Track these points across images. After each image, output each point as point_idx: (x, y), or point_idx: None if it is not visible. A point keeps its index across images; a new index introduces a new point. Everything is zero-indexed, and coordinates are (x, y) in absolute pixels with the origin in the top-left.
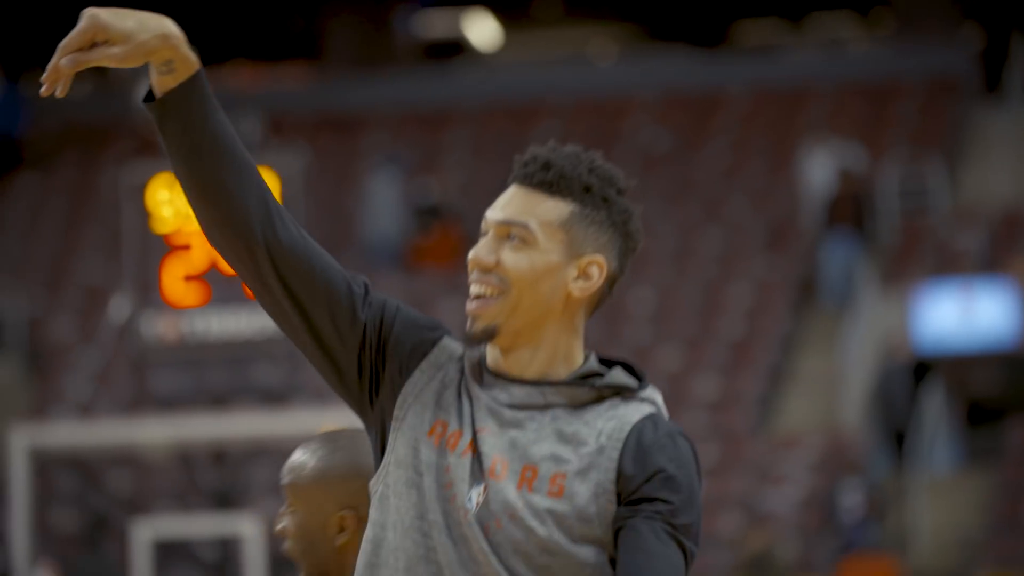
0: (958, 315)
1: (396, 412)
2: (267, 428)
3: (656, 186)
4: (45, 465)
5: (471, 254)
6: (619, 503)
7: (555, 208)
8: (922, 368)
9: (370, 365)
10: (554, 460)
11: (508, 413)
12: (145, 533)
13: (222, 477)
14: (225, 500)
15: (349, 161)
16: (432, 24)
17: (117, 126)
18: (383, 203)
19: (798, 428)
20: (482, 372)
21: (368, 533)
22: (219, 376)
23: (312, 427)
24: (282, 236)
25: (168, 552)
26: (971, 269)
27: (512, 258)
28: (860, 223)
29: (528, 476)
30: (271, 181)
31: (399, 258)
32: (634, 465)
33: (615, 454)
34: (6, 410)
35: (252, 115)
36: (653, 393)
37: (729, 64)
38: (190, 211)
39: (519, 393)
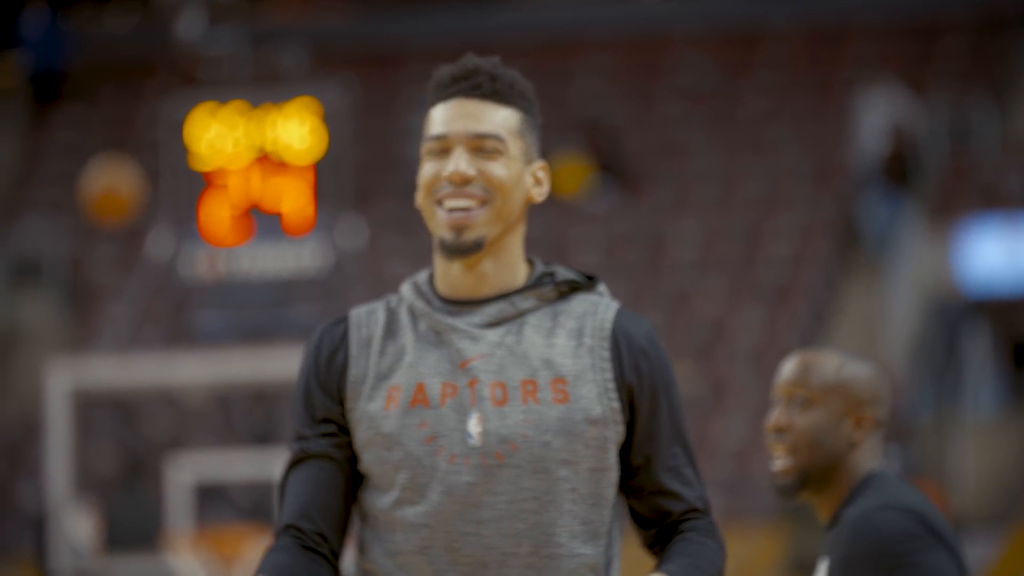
0: (1004, 255)
1: (348, 404)
2: None
3: (699, 123)
4: (83, 404)
5: (450, 168)
6: (623, 406)
7: (511, 117)
8: (968, 309)
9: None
10: (548, 366)
11: (487, 334)
12: (183, 473)
13: (260, 417)
14: (263, 439)
15: (392, 94)
16: None
17: (158, 60)
18: None
19: None
20: (434, 303)
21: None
22: (258, 314)
23: None
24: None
25: (205, 493)
26: (1017, 206)
27: (492, 167)
28: (905, 180)
29: (530, 389)
30: (316, 111)
31: None
32: (634, 372)
33: (605, 353)
34: (45, 347)
35: (296, 48)
36: (605, 289)
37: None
38: (235, 147)
39: (491, 311)
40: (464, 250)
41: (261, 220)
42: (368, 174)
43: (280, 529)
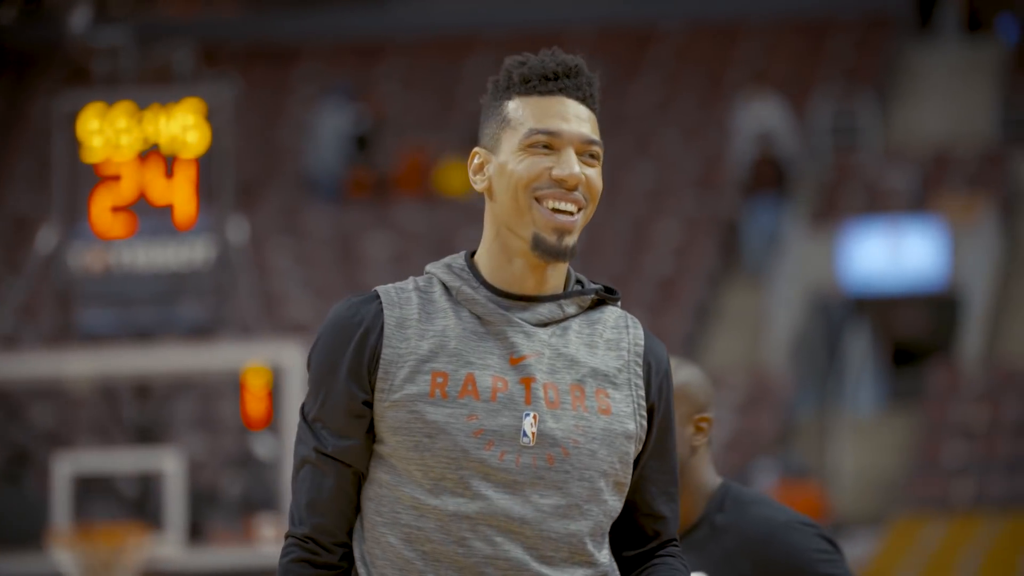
0: (886, 255)
1: (380, 384)
2: (192, 363)
3: None
4: None
5: (567, 170)
6: (647, 427)
7: (596, 123)
8: (849, 308)
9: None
10: (594, 375)
11: (540, 333)
12: (66, 467)
13: (145, 412)
14: (147, 435)
15: (282, 92)
16: None
17: (49, 53)
18: (328, 134)
19: (723, 367)
20: (481, 291)
21: (378, 491)
22: (144, 309)
23: (237, 362)
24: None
25: (89, 487)
26: (900, 208)
27: (593, 175)
28: (780, 185)
29: (578, 395)
30: (203, 108)
31: (335, 190)
32: (657, 394)
33: (639, 371)
34: None
35: (185, 44)
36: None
37: None
38: (120, 141)
39: (543, 311)
40: (561, 254)
41: (148, 215)
42: (256, 170)
43: (299, 535)
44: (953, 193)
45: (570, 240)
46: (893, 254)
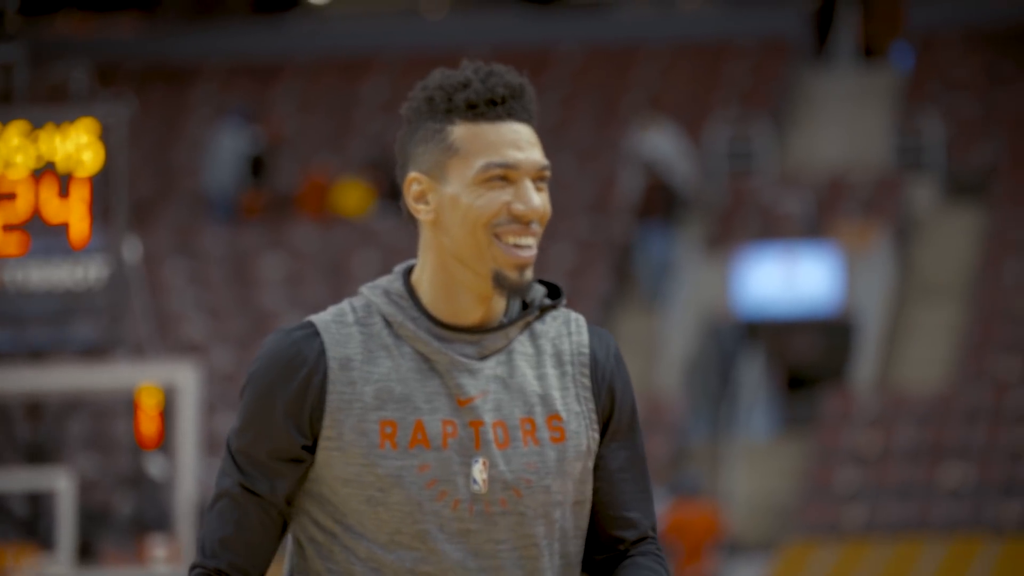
0: (781, 280)
1: (326, 432)
2: (85, 382)
3: None
4: None
5: (531, 204)
6: (600, 436)
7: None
8: (743, 333)
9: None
10: (543, 402)
11: (483, 367)
12: None
13: (37, 431)
14: (39, 454)
15: (178, 111)
16: None
17: None
18: (225, 155)
19: None
20: (421, 323)
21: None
22: (38, 328)
23: (130, 382)
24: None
25: None
26: (795, 233)
27: (547, 203)
28: (671, 212)
29: (528, 428)
30: (98, 127)
31: (231, 211)
32: (608, 397)
33: (587, 381)
34: None
35: (80, 63)
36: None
37: (560, 20)
38: (13, 159)
39: (487, 342)
40: (524, 289)
41: (42, 234)
42: (152, 189)
43: (210, 568)
44: (848, 219)
45: (530, 273)
46: (788, 279)
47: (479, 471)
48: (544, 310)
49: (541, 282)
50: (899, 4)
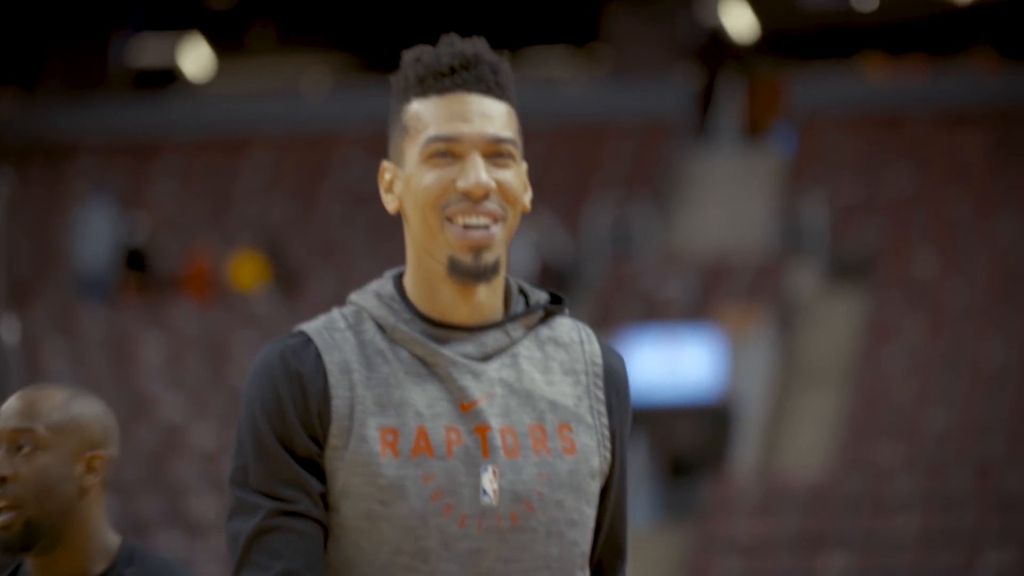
0: (663, 364)
1: (332, 441)
2: None
3: (362, 224)
4: None
5: (471, 180)
6: (610, 458)
7: (511, 115)
8: None
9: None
10: (554, 409)
11: (486, 369)
12: None
13: None
14: None
15: (57, 189)
16: (146, 52)
17: None
18: (93, 235)
19: None
20: (415, 325)
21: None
22: None
23: None
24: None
25: None
26: (677, 317)
27: (507, 177)
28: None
29: (539, 437)
30: None
31: (106, 291)
32: (620, 419)
33: (601, 395)
34: None
35: None
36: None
37: None
38: None
39: (487, 340)
40: (482, 274)
41: None
42: (30, 268)
43: None
44: (731, 302)
45: (490, 256)
46: (670, 364)
47: (489, 480)
48: (549, 312)
49: (550, 294)
50: (782, 85)
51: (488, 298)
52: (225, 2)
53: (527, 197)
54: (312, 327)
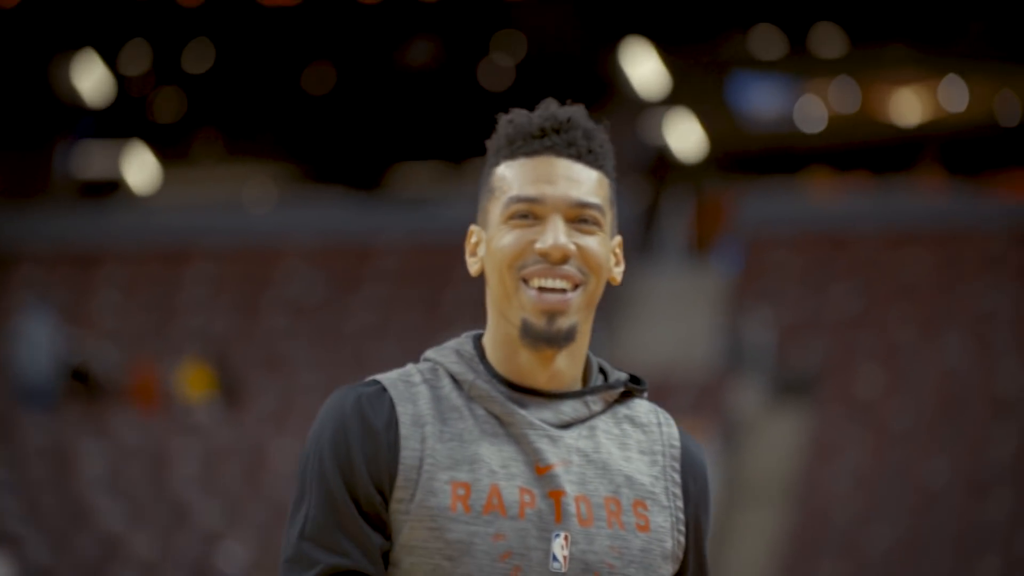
0: None
1: (398, 493)
2: None
3: (305, 336)
4: None
5: (549, 241)
6: (684, 542)
7: (603, 183)
8: None
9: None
10: (630, 485)
11: (565, 436)
12: None
13: None
14: None
15: (0, 297)
16: (90, 161)
17: None
18: (34, 345)
19: None
20: (496, 385)
21: None
22: None
23: None
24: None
25: None
26: None
27: (591, 243)
28: None
29: (613, 510)
30: None
31: (48, 400)
32: (696, 505)
33: (678, 477)
34: None
35: None
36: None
37: (384, 214)
38: None
39: (566, 408)
40: (555, 339)
41: None
42: None
43: None
44: (675, 419)
45: (564, 322)
46: None
47: (560, 547)
48: (629, 391)
49: (629, 375)
50: (728, 203)
51: (568, 367)
52: (170, 112)
53: (617, 270)
54: (387, 377)
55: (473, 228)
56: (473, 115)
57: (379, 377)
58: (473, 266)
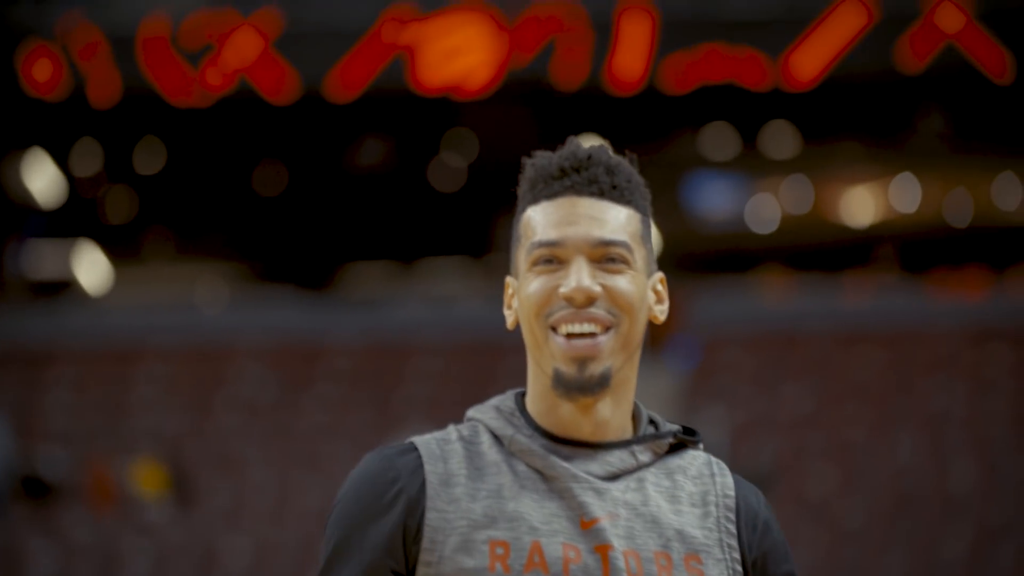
0: None
1: (424, 556)
2: None
3: (257, 436)
4: None
5: (572, 284)
6: None
7: (632, 219)
8: None
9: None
10: (681, 539)
11: (612, 489)
12: None
13: None
14: None
15: None
16: (41, 261)
17: None
18: None
19: None
20: (537, 439)
21: None
22: None
23: None
24: None
25: None
26: None
27: (619, 283)
28: None
29: (664, 564)
30: None
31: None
32: (757, 549)
33: (732, 527)
34: None
35: None
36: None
37: (336, 312)
38: None
39: (612, 460)
40: (588, 387)
41: None
42: None
43: None
44: None
45: (596, 368)
46: None
47: None
48: (679, 441)
49: (682, 426)
50: (681, 302)
51: (613, 416)
52: (121, 212)
53: (659, 308)
54: (421, 438)
55: (508, 280)
56: (424, 215)
57: (415, 438)
58: (509, 319)
